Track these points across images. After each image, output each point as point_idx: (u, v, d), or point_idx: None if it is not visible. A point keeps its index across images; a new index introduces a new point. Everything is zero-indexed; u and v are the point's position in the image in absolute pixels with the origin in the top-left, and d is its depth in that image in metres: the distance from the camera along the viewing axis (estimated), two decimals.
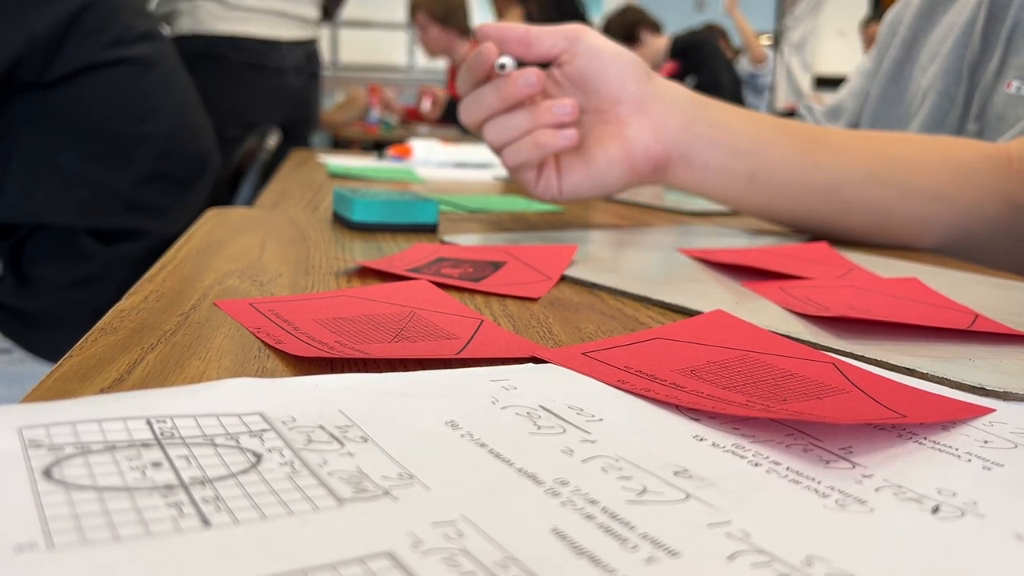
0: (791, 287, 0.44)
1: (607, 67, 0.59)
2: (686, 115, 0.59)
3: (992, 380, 0.29)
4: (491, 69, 0.58)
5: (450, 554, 0.16)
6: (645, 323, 0.37)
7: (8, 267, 1.15)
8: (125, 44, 1.15)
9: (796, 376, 0.29)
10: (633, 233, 0.64)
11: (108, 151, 1.14)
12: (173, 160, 1.20)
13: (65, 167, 1.11)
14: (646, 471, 0.21)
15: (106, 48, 1.12)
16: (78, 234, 1.12)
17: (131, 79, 1.16)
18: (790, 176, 0.60)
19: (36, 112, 1.10)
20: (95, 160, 1.13)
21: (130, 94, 1.16)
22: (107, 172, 1.13)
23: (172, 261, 0.44)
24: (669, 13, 4.19)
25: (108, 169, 1.14)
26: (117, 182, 1.14)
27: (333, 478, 0.19)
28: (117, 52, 1.14)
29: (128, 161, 1.15)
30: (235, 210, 0.64)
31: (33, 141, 1.10)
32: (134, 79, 1.16)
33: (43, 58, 1.07)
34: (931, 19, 0.86)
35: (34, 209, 1.11)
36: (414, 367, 0.28)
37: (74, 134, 1.11)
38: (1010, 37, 0.74)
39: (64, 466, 0.19)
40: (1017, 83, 0.73)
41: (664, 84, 0.60)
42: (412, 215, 0.59)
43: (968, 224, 0.61)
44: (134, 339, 0.30)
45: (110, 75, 1.13)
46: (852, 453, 0.22)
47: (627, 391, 0.27)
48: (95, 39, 1.11)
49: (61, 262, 1.13)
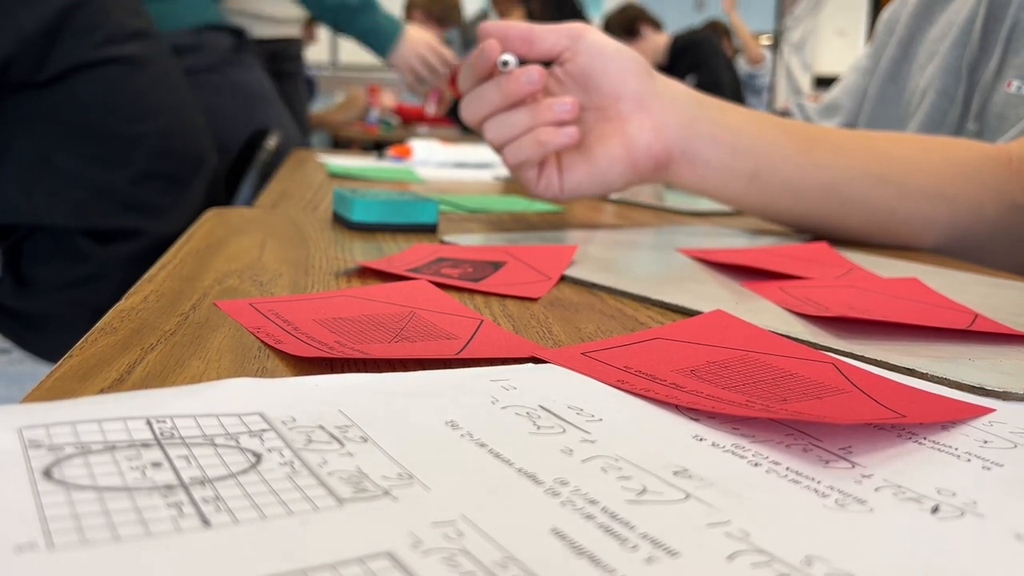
0: (791, 287, 0.44)
1: (609, 65, 0.59)
2: (687, 113, 0.59)
3: (992, 380, 0.29)
4: (494, 66, 0.58)
5: (450, 554, 0.16)
6: (645, 323, 0.37)
7: (6, 268, 1.15)
8: (118, 43, 1.14)
9: (796, 376, 0.29)
10: (633, 233, 0.64)
11: (104, 151, 1.13)
12: (169, 159, 1.20)
13: (61, 167, 1.11)
14: (646, 471, 0.21)
15: (98, 47, 1.12)
16: (74, 235, 1.12)
17: (125, 78, 1.15)
18: (790, 175, 0.60)
19: (30, 112, 1.09)
20: (91, 160, 1.12)
21: (124, 93, 1.15)
22: (103, 172, 1.13)
23: (172, 261, 0.44)
24: (669, 12, 4.19)
25: (104, 169, 1.13)
26: (113, 182, 1.14)
27: (333, 478, 0.19)
28: (110, 51, 1.13)
29: (124, 161, 1.15)
30: (235, 210, 0.64)
31: (28, 142, 1.10)
32: (128, 78, 1.16)
33: (35, 57, 1.06)
34: (928, 18, 0.86)
35: (31, 210, 1.11)
36: (414, 367, 0.28)
37: (69, 134, 1.11)
38: (1009, 36, 0.74)
39: (64, 466, 0.19)
40: (1017, 83, 0.73)
41: (665, 82, 0.61)
42: (412, 215, 0.59)
43: (968, 224, 0.61)
44: (134, 339, 0.30)
45: (104, 74, 1.13)
46: (852, 453, 0.22)
47: (627, 391, 0.27)
48: (87, 38, 1.11)
49: (59, 263, 1.13)
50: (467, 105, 0.60)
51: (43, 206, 1.10)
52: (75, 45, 1.09)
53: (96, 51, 1.12)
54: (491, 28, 0.59)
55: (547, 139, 0.58)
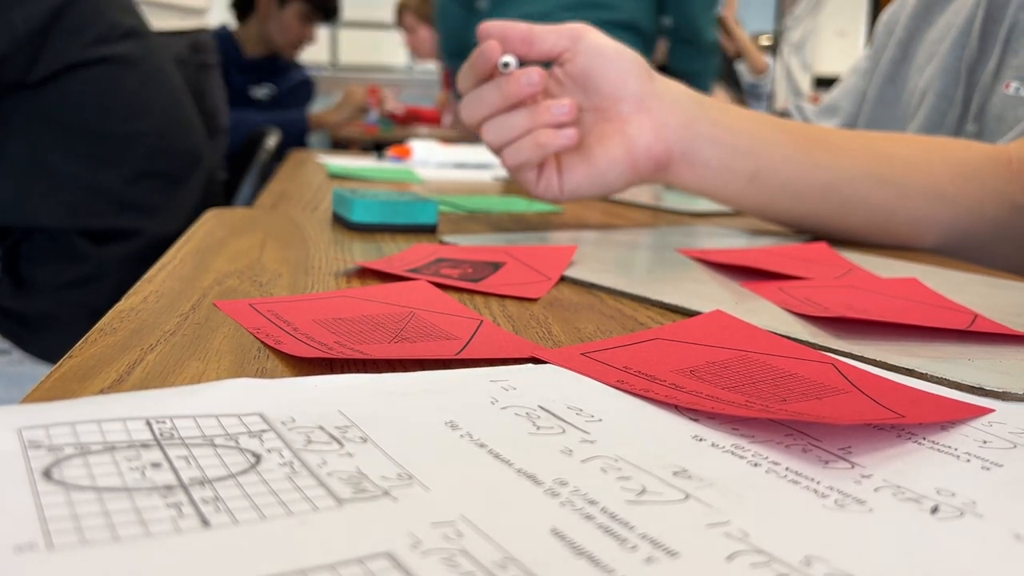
0: (790, 287, 0.44)
1: (608, 65, 0.59)
2: (687, 114, 0.59)
3: (991, 380, 0.29)
4: (494, 67, 0.58)
5: (449, 554, 0.16)
6: (644, 323, 0.37)
7: (4, 270, 1.15)
8: (110, 42, 1.14)
9: (795, 376, 0.29)
10: (632, 233, 0.64)
11: (99, 151, 1.13)
12: (165, 157, 1.20)
13: (56, 168, 1.10)
14: (645, 471, 0.21)
15: (90, 46, 1.11)
16: (71, 235, 1.12)
17: (118, 77, 1.15)
18: (790, 175, 0.60)
19: (24, 113, 1.09)
20: (86, 160, 1.12)
21: (118, 92, 1.15)
22: (98, 172, 1.13)
23: (171, 261, 0.44)
24: None
25: (99, 169, 1.13)
26: (109, 182, 1.14)
27: (332, 478, 0.19)
28: (102, 50, 1.13)
29: (119, 160, 1.15)
30: (234, 210, 0.64)
31: (22, 143, 1.09)
32: (121, 77, 1.15)
33: (27, 57, 1.06)
34: (927, 19, 0.87)
35: (27, 212, 1.11)
36: (413, 367, 0.28)
37: (64, 134, 1.11)
38: (1008, 38, 0.74)
39: (64, 467, 0.19)
40: (1016, 84, 0.73)
41: (665, 83, 0.60)
42: (411, 215, 0.59)
43: (968, 225, 0.61)
44: (133, 339, 0.30)
45: (96, 73, 1.12)
46: (851, 453, 0.22)
47: (626, 391, 0.27)
48: (79, 37, 1.10)
49: (56, 264, 1.13)
50: (467, 105, 0.60)
51: (39, 207, 1.10)
52: (67, 44, 1.09)
53: (89, 50, 1.11)
54: (491, 28, 0.59)
55: (546, 141, 0.58)
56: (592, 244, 0.57)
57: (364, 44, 5.87)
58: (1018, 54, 0.73)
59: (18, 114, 1.09)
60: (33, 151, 1.10)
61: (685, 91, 0.61)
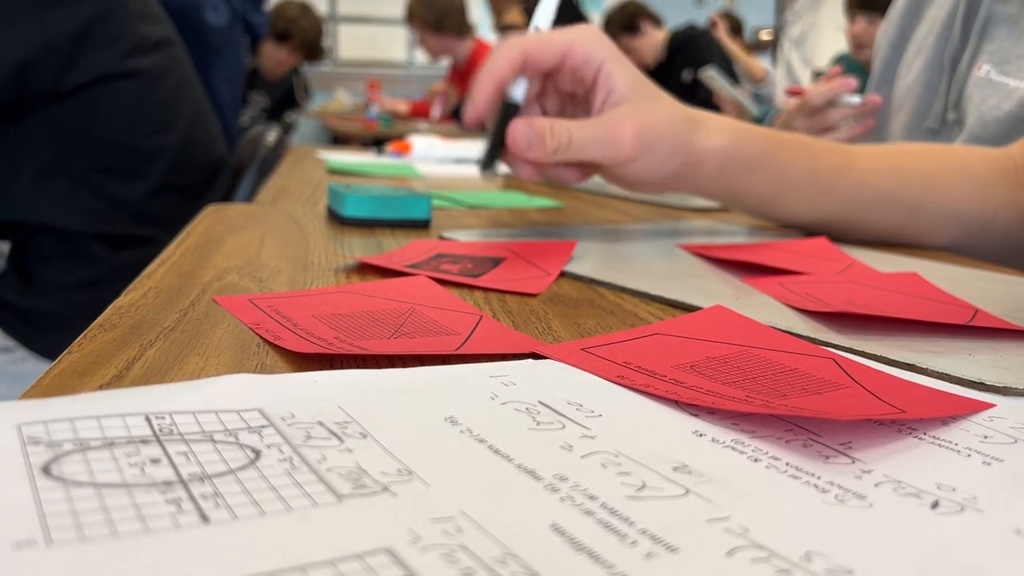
0: (791, 283, 0.44)
1: (600, 79, 0.56)
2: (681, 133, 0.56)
3: (992, 375, 0.29)
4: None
5: (449, 550, 0.16)
6: (645, 319, 0.37)
7: (12, 265, 1.15)
8: (141, 53, 1.15)
9: (796, 372, 0.29)
10: (632, 229, 0.64)
11: (122, 163, 1.14)
12: (185, 171, 1.21)
13: (79, 174, 1.11)
14: (645, 467, 0.21)
15: (123, 58, 1.12)
16: (87, 238, 1.12)
17: (148, 90, 1.16)
18: (803, 212, 0.60)
19: (56, 122, 1.10)
20: (109, 172, 1.13)
21: (146, 105, 1.16)
22: (121, 185, 1.14)
23: (171, 257, 0.44)
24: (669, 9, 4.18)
25: (120, 181, 1.14)
26: (130, 194, 1.15)
27: (332, 474, 0.19)
28: (134, 63, 1.14)
29: (142, 174, 1.16)
30: (234, 206, 0.64)
31: (49, 144, 1.10)
32: (150, 90, 1.16)
33: (59, 65, 1.06)
34: (917, 15, 0.88)
35: (40, 209, 1.11)
36: (413, 363, 0.28)
37: (91, 144, 1.11)
38: (984, 27, 0.76)
39: (63, 463, 0.19)
40: (987, 67, 0.74)
41: (661, 96, 0.58)
42: (404, 210, 0.58)
43: (979, 237, 0.61)
44: (133, 335, 0.30)
45: (127, 86, 1.13)
46: (852, 448, 0.22)
47: (627, 387, 0.27)
48: (113, 49, 1.11)
49: (65, 263, 1.13)
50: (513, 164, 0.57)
51: (54, 208, 1.11)
52: (101, 56, 1.10)
53: (121, 62, 1.12)
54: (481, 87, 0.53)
55: (556, 176, 0.56)
56: (592, 239, 0.57)
57: (363, 40, 5.87)
58: (993, 41, 0.74)
59: (47, 119, 1.10)
60: (57, 155, 1.10)
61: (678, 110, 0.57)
